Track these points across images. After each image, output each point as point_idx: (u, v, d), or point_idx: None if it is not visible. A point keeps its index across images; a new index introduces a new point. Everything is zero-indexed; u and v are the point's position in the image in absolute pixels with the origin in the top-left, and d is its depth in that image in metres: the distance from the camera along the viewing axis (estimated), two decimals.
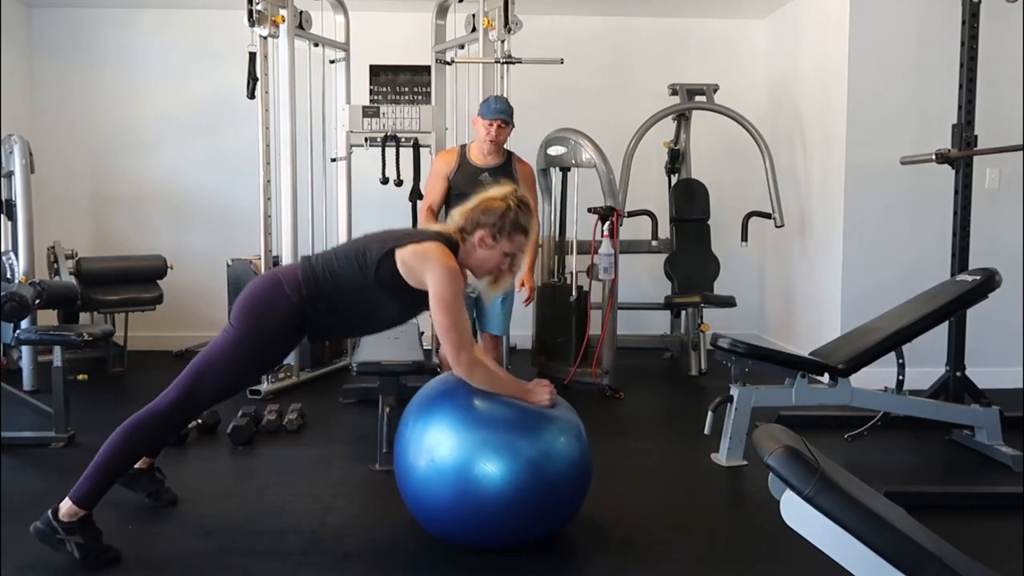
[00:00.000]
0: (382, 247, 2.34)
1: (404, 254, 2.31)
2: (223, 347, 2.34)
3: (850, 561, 1.51)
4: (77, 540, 2.21)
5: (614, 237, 4.32)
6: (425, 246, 2.32)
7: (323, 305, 2.36)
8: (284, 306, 2.33)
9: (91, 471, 2.27)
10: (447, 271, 2.28)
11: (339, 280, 2.36)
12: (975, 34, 3.58)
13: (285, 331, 2.37)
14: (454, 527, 2.33)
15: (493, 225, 2.36)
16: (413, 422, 2.39)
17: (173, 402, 2.32)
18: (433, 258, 2.29)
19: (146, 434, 2.34)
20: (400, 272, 2.32)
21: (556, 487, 2.29)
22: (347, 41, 4.88)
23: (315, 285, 2.35)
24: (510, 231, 2.37)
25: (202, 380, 2.33)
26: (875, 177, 4.48)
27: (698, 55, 5.74)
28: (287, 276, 2.39)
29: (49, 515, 2.23)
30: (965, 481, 3.10)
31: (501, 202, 2.39)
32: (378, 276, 2.33)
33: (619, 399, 4.28)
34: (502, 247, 2.38)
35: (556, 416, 2.38)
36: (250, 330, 2.33)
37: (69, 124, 5.57)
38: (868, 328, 3.38)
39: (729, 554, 2.43)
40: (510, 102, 3.75)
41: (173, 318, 5.45)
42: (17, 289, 3.47)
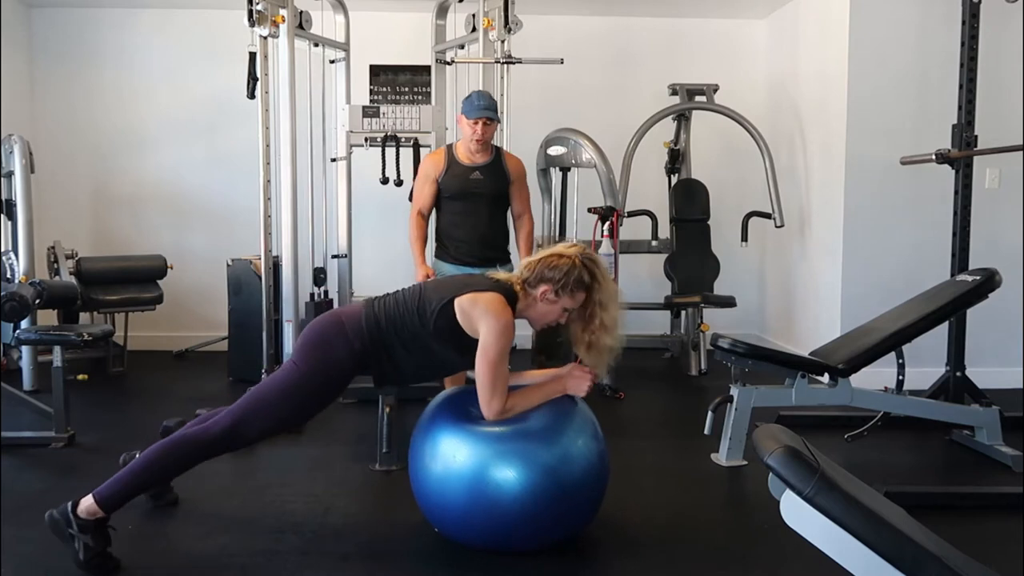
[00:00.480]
0: (442, 297, 2.37)
1: (463, 302, 2.33)
2: (281, 383, 2.36)
3: (850, 561, 1.51)
4: (87, 541, 2.20)
5: (614, 237, 4.32)
6: (484, 296, 2.34)
7: (384, 352, 2.39)
8: (346, 351, 2.36)
9: (122, 476, 2.27)
10: (500, 324, 2.29)
11: (399, 328, 2.38)
12: (975, 34, 3.58)
13: (343, 376, 2.40)
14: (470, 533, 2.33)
15: (557, 281, 2.37)
16: (431, 427, 2.40)
17: (223, 430, 2.32)
18: (490, 309, 2.31)
19: (187, 453, 2.34)
20: (458, 321, 2.33)
21: (573, 492, 2.30)
22: (347, 41, 4.87)
23: (378, 331, 2.38)
24: (573, 288, 2.38)
25: (255, 413, 2.34)
26: (875, 177, 4.48)
27: (698, 55, 5.74)
28: (350, 320, 2.40)
29: (68, 507, 2.22)
30: (965, 481, 3.10)
31: (567, 260, 2.39)
32: (436, 326, 2.35)
33: (619, 399, 4.28)
34: (563, 303, 2.41)
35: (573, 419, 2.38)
36: (311, 371, 2.35)
37: (69, 124, 5.57)
38: (868, 328, 3.38)
39: (729, 554, 2.43)
40: (493, 96, 3.62)
41: (173, 318, 5.45)
42: (17, 289, 3.47)
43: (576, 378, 2.43)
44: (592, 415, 2.47)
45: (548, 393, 2.41)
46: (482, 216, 3.58)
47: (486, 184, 3.58)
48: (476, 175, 3.56)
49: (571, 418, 2.38)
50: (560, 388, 2.42)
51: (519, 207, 3.73)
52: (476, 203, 3.57)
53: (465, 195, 3.56)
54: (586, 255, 2.43)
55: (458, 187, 3.56)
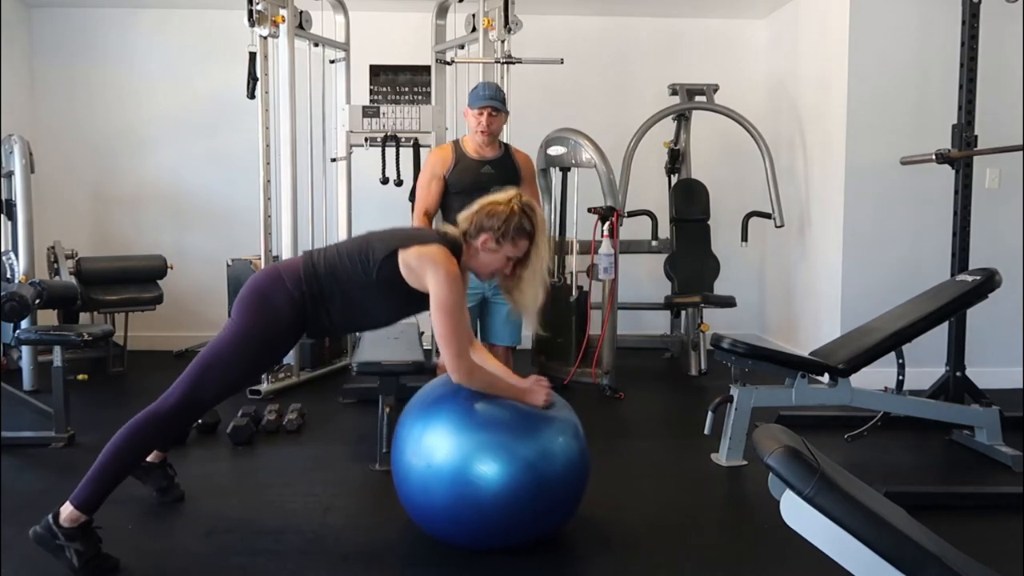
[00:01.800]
0: (386, 247, 2.34)
1: (407, 256, 2.31)
2: (225, 344, 2.33)
3: (850, 561, 1.51)
4: (77, 547, 2.18)
5: (614, 237, 4.32)
6: (429, 248, 2.31)
7: (324, 301, 2.35)
8: (286, 301, 2.32)
9: (92, 475, 2.25)
10: (449, 275, 2.27)
11: (341, 277, 2.35)
12: (975, 34, 3.58)
13: (287, 326, 2.36)
14: (451, 528, 2.33)
15: (496, 229, 2.35)
16: (411, 424, 2.39)
17: (176, 403, 2.30)
18: (435, 262, 2.28)
19: (148, 436, 2.31)
20: (402, 273, 2.32)
21: (553, 488, 2.29)
22: (347, 41, 4.88)
23: (316, 281, 2.34)
24: (514, 235, 2.35)
25: (204, 379, 2.31)
26: (875, 177, 4.48)
27: (698, 55, 5.74)
28: (289, 271, 2.38)
29: (49, 520, 2.21)
30: (965, 481, 3.10)
31: (505, 206, 2.37)
32: (380, 276, 2.33)
33: (619, 399, 4.28)
34: (505, 251, 2.37)
35: (554, 417, 2.38)
36: (252, 325, 2.32)
37: (69, 124, 5.57)
38: (868, 328, 3.38)
39: (729, 554, 2.43)
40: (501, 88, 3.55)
41: (173, 318, 5.45)
42: (17, 289, 3.47)
43: (534, 393, 2.39)
44: (575, 417, 2.46)
45: (510, 391, 2.38)
46: None
47: (497, 178, 3.47)
48: (487, 169, 3.48)
49: (552, 416, 2.38)
50: (519, 394, 2.39)
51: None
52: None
53: (475, 189, 3.42)
54: (524, 201, 2.40)
55: (469, 181, 3.46)
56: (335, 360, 4.88)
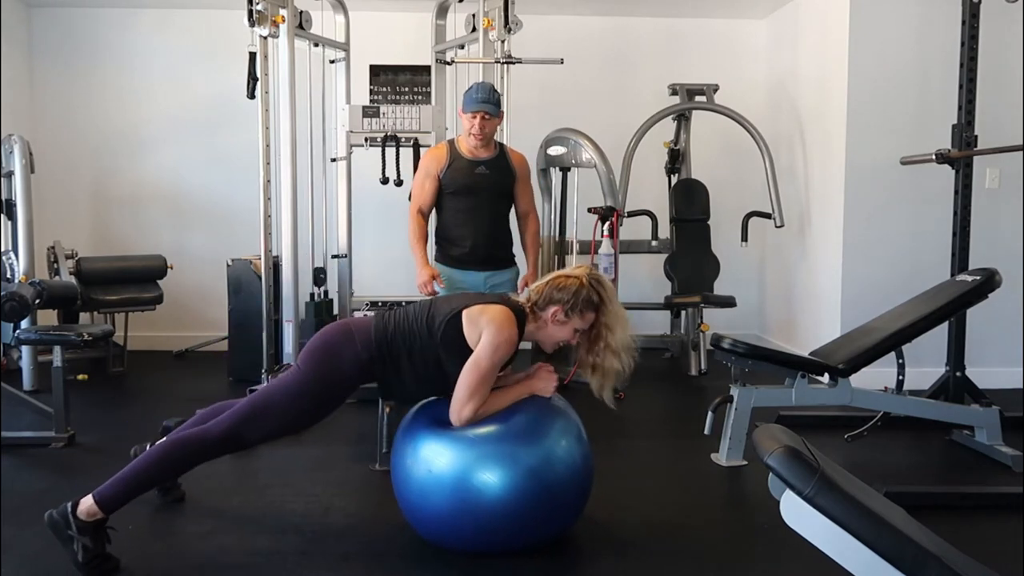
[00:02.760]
0: (451, 308, 2.37)
1: (471, 312, 2.33)
2: (284, 390, 2.36)
3: (850, 561, 1.51)
4: (86, 542, 2.19)
5: (614, 237, 4.32)
6: (492, 308, 2.34)
7: (392, 363, 2.38)
8: (352, 360, 2.35)
9: (122, 476, 2.27)
10: (503, 336, 2.28)
11: (408, 340, 2.37)
12: (975, 34, 3.58)
13: (348, 385, 2.39)
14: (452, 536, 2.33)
15: (567, 303, 2.37)
16: (413, 431, 2.39)
17: (223, 433, 2.32)
18: (498, 321, 2.30)
19: (187, 455, 2.34)
20: (464, 332, 2.32)
21: (556, 493, 2.29)
22: (347, 41, 4.88)
23: (386, 343, 2.37)
24: (582, 309, 2.37)
25: (256, 418, 2.34)
26: (875, 177, 4.48)
27: (698, 55, 5.74)
28: (359, 330, 2.40)
29: (68, 508, 2.22)
30: (965, 481, 3.10)
31: (575, 280, 2.39)
32: (444, 337, 2.34)
33: (619, 399, 4.26)
34: (574, 323, 2.40)
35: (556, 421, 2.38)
36: (314, 379, 2.35)
37: (69, 124, 5.57)
38: (868, 328, 3.38)
39: (729, 554, 2.43)
40: (496, 89, 3.52)
41: (173, 318, 5.45)
42: (17, 289, 3.46)
43: (542, 379, 2.43)
44: (577, 418, 2.46)
45: (516, 395, 2.40)
46: (486, 213, 3.51)
47: (491, 179, 3.48)
48: (481, 169, 3.46)
49: (554, 420, 2.38)
50: (526, 389, 2.42)
51: (524, 205, 3.67)
52: (480, 199, 3.49)
53: (469, 190, 3.48)
54: (592, 275, 2.43)
55: (462, 182, 3.45)
56: None
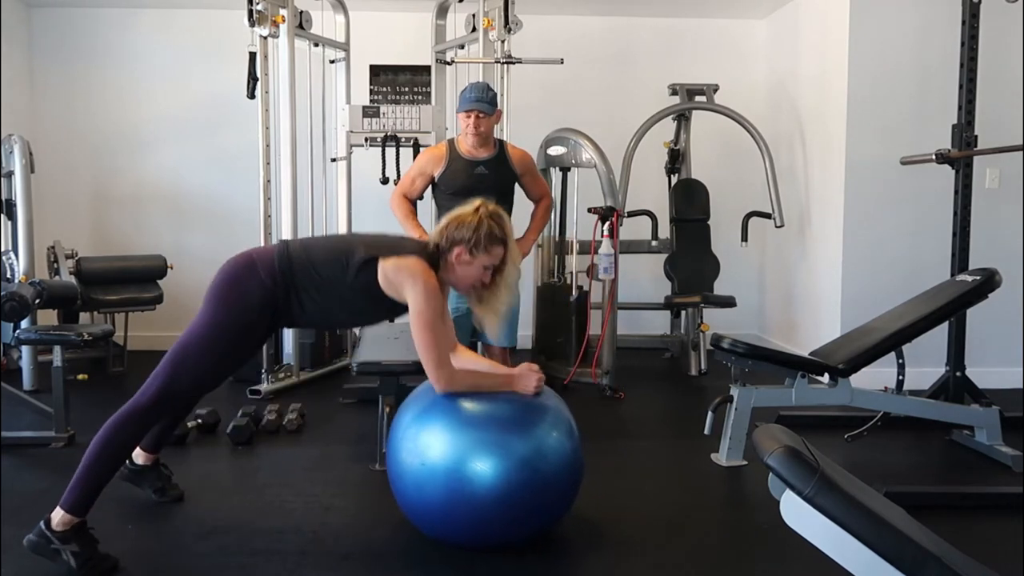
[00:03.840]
0: (366, 252, 2.33)
1: (386, 266, 2.31)
2: (196, 334, 2.30)
3: (850, 561, 1.51)
4: (73, 549, 2.19)
5: (614, 237, 4.32)
6: (407, 260, 2.32)
7: (297, 292, 2.34)
8: (257, 288, 2.31)
9: (78, 477, 2.25)
10: (426, 288, 2.28)
11: (317, 272, 2.34)
12: (975, 34, 3.58)
13: (258, 315, 2.32)
14: (447, 526, 2.33)
15: (468, 240, 2.34)
16: (406, 423, 2.39)
17: (152, 396, 2.28)
18: (413, 275, 2.29)
19: (128, 432, 2.30)
20: (380, 283, 2.32)
21: (548, 483, 2.29)
22: (347, 41, 4.88)
23: (291, 272, 2.33)
24: (486, 244, 2.35)
25: (178, 371, 2.29)
26: (875, 177, 4.48)
27: (698, 55, 5.74)
28: (262, 257, 2.36)
29: (42, 526, 2.21)
30: (965, 481, 3.10)
31: (472, 216, 2.37)
32: (357, 280, 2.33)
33: (619, 399, 4.28)
34: (480, 261, 2.37)
35: (546, 412, 2.38)
36: (224, 314, 2.30)
37: (69, 124, 5.57)
38: (868, 328, 3.38)
39: (729, 554, 2.43)
40: (491, 87, 3.51)
41: (173, 318, 5.42)
42: (17, 289, 3.46)
43: (524, 378, 2.40)
44: (568, 414, 2.46)
45: (498, 383, 2.40)
46: None
47: (491, 179, 3.47)
48: (480, 169, 3.45)
49: (545, 411, 2.38)
50: (508, 383, 2.40)
51: (536, 194, 3.65)
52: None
53: (468, 191, 3.43)
54: (491, 210, 2.39)
55: (462, 183, 3.44)
56: (335, 360, 4.88)
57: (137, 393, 2.31)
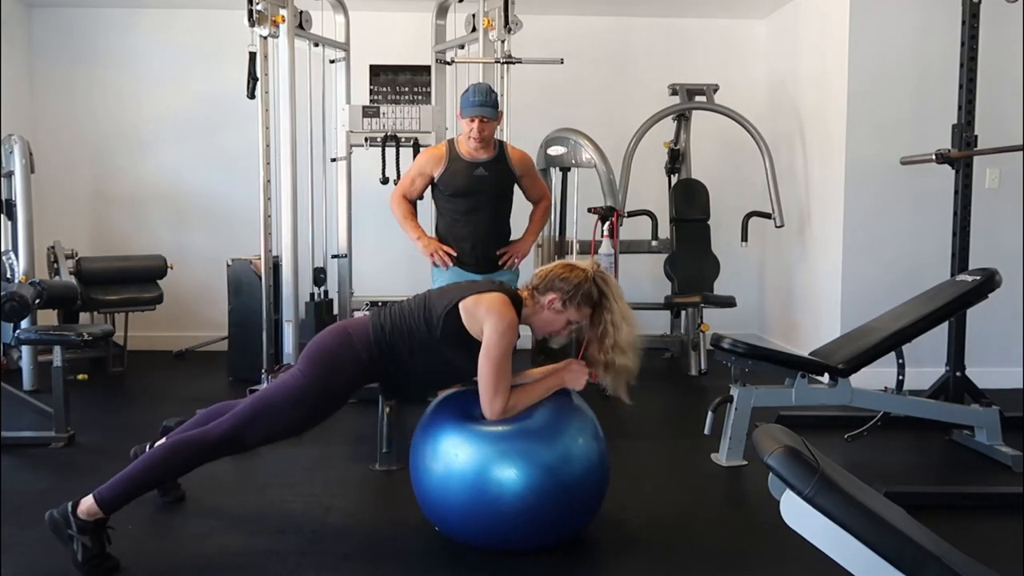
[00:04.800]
0: (447, 302, 2.37)
1: (467, 304, 2.34)
2: (286, 391, 2.35)
3: (850, 561, 1.51)
4: (85, 542, 2.20)
5: (614, 237, 4.32)
6: (488, 296, 2.34)
7: (394, 361, 2.38)
8: (353, 363, 2.36)
9: (123, 477, 2.27)
10: (504, 323, 2.29)
11: (408, 336, 2.37)
12: (975, 34, 3.58)
13: (349, 387, 2.40)
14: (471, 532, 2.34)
15: (566, 292, 2.37)
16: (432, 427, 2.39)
17: (224, 435, 2.33)
18: (495, 308, 2.31)
19: (188, 457, 2.35)
20: (464, 324, 2.33)
21: (573, 492, 2.30)
22: (347, 41, 4.88)
23: (385, 342, 2.37)
24: (580, 302, 2.37)
25: (256, 421, 2.34)
26: (875, 177, 4.48)
27: (698, 55, 5.74)
28: (357, 331, 2.40)
29: (68, 507, 2.22)
30: (965, 481, 3.10)
31: (580, 272, 2.39)
32: (444, 331, 2.35)
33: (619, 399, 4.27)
34: (569, 315, 2.40)
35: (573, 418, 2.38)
36: (316, 383, 2.35)
37: (69, 124, 5.57)
38: (868, 328, 3.38)
39: (729, 554, 2.43)
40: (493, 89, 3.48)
41: (173, 318, 5.45)
42: (17, 289, 3.46)
43: (574, 372, 2.44)
44: (592, 415, 2.48)
45: (548, 388, 2.41)
46: (485, 215, 3.48)
47: (490, 181, 3.45)
48: (480, 171, 3.43)
49: (571, 417, 2.38)
50: (558, 382, 2.43)
51: (535, 195, 3.62)
52: (479, 201, 3.47)
53: (468, 192, 3.45)
54: (599, 272, 2.43)
55: (461, 184, 3.43)
56: None
57: (212, 424, 2.36)
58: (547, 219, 3.81)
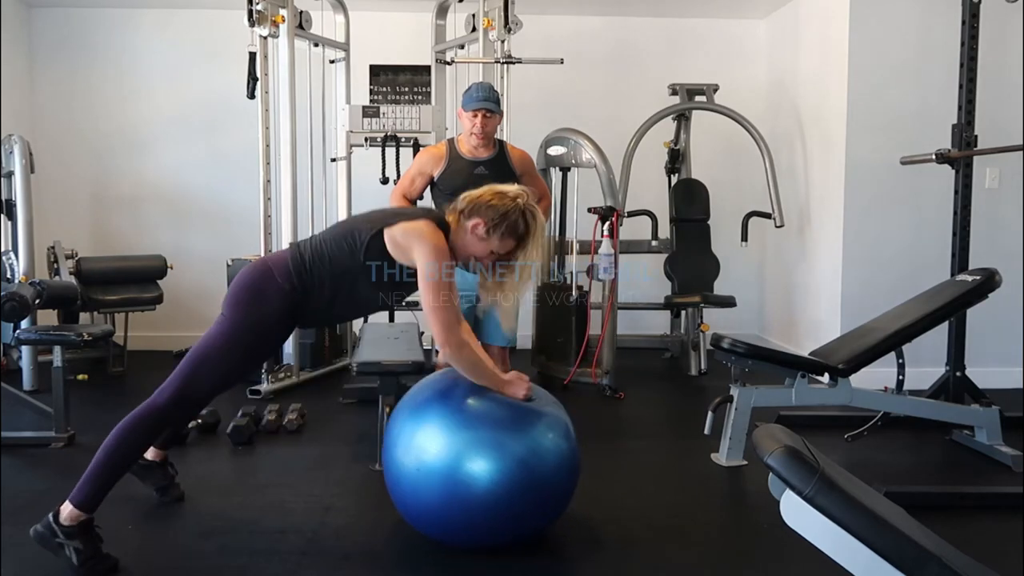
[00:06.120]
0: (371, 227, 2.32)
1: (393, 232, 2.29)
2: (216, 339, 2.32)
3: (850, 561, 1.51)
4: (76, 545, 2.19)
5: (614, 237, 4.32)
6: (415, 224, 2.30)
7: (314, 290, 2.35)
8: (275, 293, 2.32)
9: (89, 473, 2.25)
10: (436, 248, 2.26)
11: (329, 264, 2.34)
12: (975, 34, 3.58)
13: (278, 319, 2.35)
14: (443, 526, 2.32)
15: (492, 220, 2.32)
16: (402, 422, 2.38)
17: (170, 398, 2.30)
18: (421, 236, 2.26)
19: (143, 432, 2.31)
20: (389, 251, 2.30)
21: (544, 483, 2.28)
22: (347, 41, 4.88)
23: (305, 270, 2.34)
24: (505, 232, 2.33)
25: (197, 374, 2.31)
26: (875, 177, 4.48)
27: (698, 55, 5.74)
28: (277, 263, 2.37)
29: (50, 518, 2.22)
30: (965, 481, 3.10)
31: (510, 201, 2.34)
32: (368, 257, 2.31)
33: (619, 399, 4.28)
34: (491, 243, 2.35)
35: (543, 413, 2.37)
36: (243, 319, 2.32)
37: (69, 124, 5.57)
38: (868, 328, 3.38)
39: (729, 554, 2.43)
40: (495, 88, 3.50)
41: (173, 318, 5.45)
42: (17, 289, 3.47)
43: (514, 385, 2.37)
44: (566, 417, 2.44)
45: (494, 380, 2.35)
46: None
47: (490, 180, 3.40)
48: (480, 170, 3.43)
49: (542, 412, 2.36)
50: (499, 384, 2.36)
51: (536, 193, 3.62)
52: None
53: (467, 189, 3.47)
54: (530, 204, 2.37)
55: (462, 183, 3.41)
56: (335, 360, 4.88)
57: (154, 393, 2.33)
58: (547, 219, 3.81)
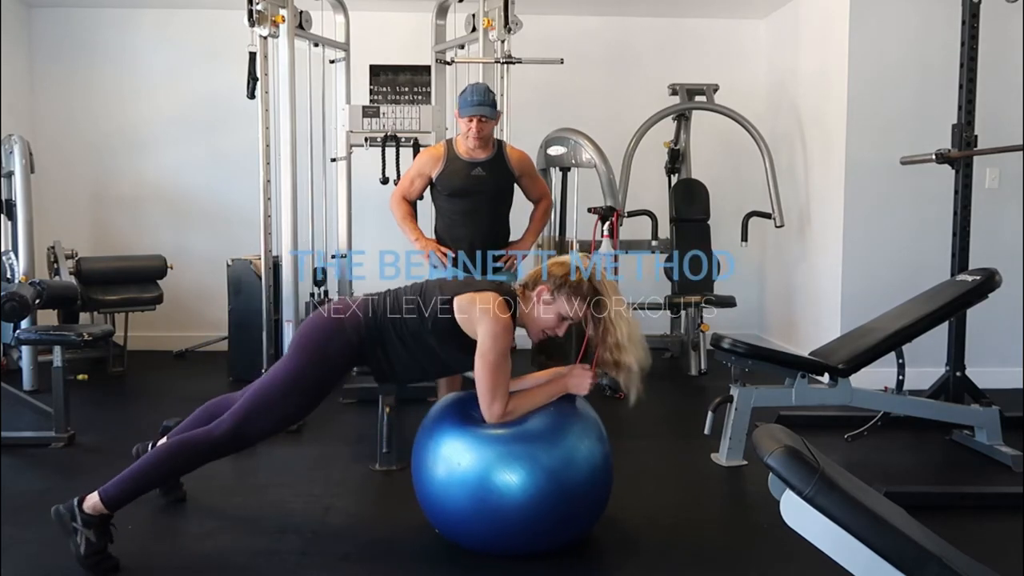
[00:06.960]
0: (442, 295, 2.36)
1: (462, 301, 2.33)
2: (278, 381, 2.36)
3: (850, 561, 1.51)
4: (89, 536, 2.21)
5: (614, 237, 4.31)
6: (483, 296, 2.33)
7: (383, 346, 2.39)
8: (343, 346, 2.36)
9: (128, 475, 2.29)
10: (499, 326, 2.28)
11: (397, 325, 2.37)
12: (975, 34, 3.58)
13: (341, 371, 2.41)
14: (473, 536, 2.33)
15: (554, 281, 2.35)
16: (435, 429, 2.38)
17: (226, 433, 2.34)
18: (487, 309, 2.30)
19: (192, 456, 2.37)
20: (457, 320, 2.33)
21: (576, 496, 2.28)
22: (347, 41, 4.88)
23: (376, 328, 2.37)
24: (570, 292, 2.34)
25: (256, 416, 2.35)
26: (875, 177, 4.48)
27: (698, 55, 5.74)
28: (349, 315, 2.40)
29: (74, 502, 2.24)
30: (965, 481, 3.10)
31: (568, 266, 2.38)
32: (436, 323, 2.35)
33: (619, 399, 4.28)
34: (559, 307, 2.36)
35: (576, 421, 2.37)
36: (309, 370, 2.36)
37: (69, 124, 5.57)
38: (868, 328, 3.38)
39: (729, 554, 2.43)
40: (491, 89, 3.48)
41: (173, 318, 5.45)
42: (17, 289, 3.46)
43: (577, 376, 2.42)
44: (596, 417, 2.47)
45: (550, 393, 2.40)
46: (483, 214, 3.48)
47: (488, 181, 3.44)
48: (478, 171, 3.42)
49: (575, 420, 2.37)
50: (562, 387, 2.42)
51: (535, 195, 3.62)
52: (477, 201, 3.46)
53: (466, 192, 3.45)
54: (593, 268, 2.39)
55: (459, 184, 3.42)
56: None
57: (212, 424, 2.37)
58: (548, 219, 3.82)
